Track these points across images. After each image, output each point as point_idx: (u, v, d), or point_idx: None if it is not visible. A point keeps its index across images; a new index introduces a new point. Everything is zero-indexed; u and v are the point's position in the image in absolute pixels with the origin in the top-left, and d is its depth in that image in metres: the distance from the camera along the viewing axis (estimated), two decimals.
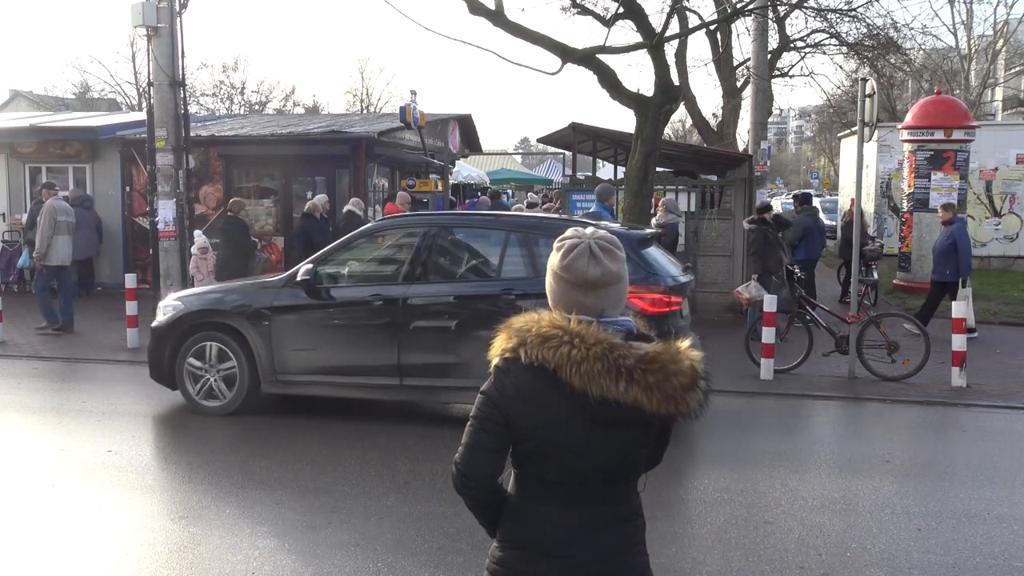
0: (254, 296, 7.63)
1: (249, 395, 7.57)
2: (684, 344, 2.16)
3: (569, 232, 2.28)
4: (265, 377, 7.50)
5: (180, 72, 12.91)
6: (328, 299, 7.47)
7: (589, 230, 2.28)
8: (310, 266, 7.46)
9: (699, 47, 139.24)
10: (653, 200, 12.04)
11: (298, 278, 7.40)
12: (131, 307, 10.72)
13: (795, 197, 13.89)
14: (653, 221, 10.43)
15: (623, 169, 15.04)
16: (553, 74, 11.76)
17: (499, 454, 2.23)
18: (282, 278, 7.67)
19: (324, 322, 7.45)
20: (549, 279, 2.27)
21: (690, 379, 2.11)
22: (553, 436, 2.16)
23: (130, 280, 10.89)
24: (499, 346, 2.22)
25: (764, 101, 19.35)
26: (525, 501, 2.26)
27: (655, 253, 7.14)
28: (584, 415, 2.13)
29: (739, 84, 23.11)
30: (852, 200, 13.15)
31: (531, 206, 20.19)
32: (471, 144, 20.68)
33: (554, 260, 2.25)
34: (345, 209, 12.70)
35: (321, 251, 7.83)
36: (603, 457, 2.19)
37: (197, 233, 11.42)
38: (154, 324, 7.94)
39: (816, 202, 16.66)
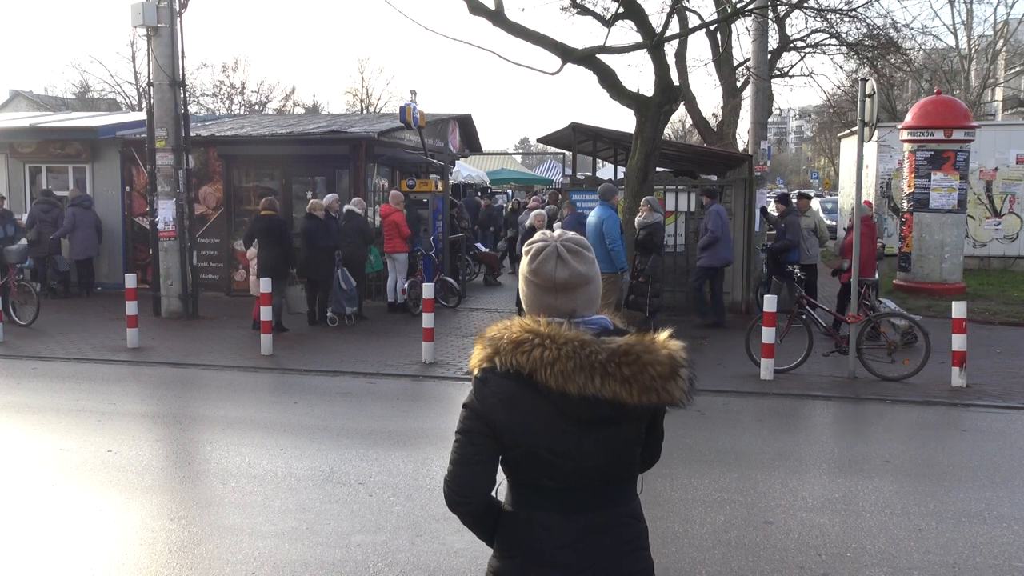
0: None
1: None
2: (662, 335, 2.13)
3: (537, 236, 2.27)
4: None
5: (180, 72, 12.93)
6: None
7: (556, 232, 2.27)
8: None
9: (699, 47, 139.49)
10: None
11: None
12: (131, 307, 10.72)
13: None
14: (637, 220, 10.42)
15: (623, 169, 15.04)
16: (553, 74, 11.77)
17: (488, 466, 2.20)
18: None
19: None
20: (521, 284, 2.26)
21: (668, 368, 2.07)
22: (539, 441, 2.13)
23: (130, 280, 10.88)
24: (476, 357, 2.20)
25: (764, 101, 19.32)
26: (520, 509, 2.23)
27: None
28: (566, 416, 2.11)
29: (739, 84, 23.09)
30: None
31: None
32: (471, 144, 20.66)
33: (523, 264, 2.24)
34: (345, 209, 12.71)
35: None
36: (594, 458, 2.15)
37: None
38: None
39: (816, 202, 16.66)
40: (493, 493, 2.26)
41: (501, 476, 2.26)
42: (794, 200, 14.16)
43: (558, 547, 2.17)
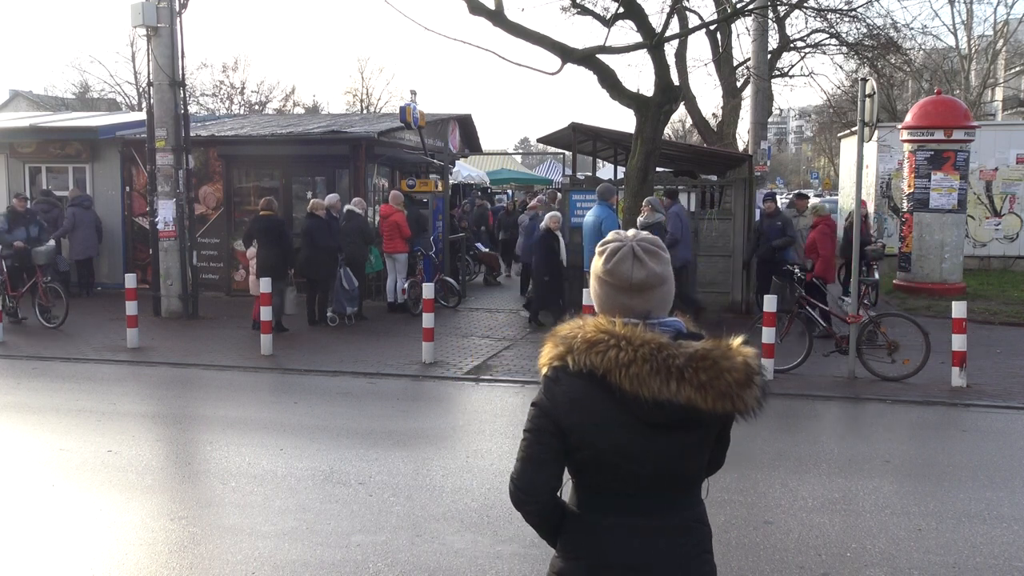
0: None
1: None
2: (736, 341, 2.11)
3: (610, 236, 2.24)
4: None
5: (180, 72, 12.93)
6: None
7: (631, 232, 2.24)
8: None
9: (699, 47, 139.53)
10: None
11: None
12: (131, 307, 10.72)
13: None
14: (639, 220, 10.42)
15: (623, 169, 15.04)
16: (553, 74, 11.77)
17: (555, 465, 2.18)
18: None
19: None
20: (593, 284, 2.24)
21: (744, 375, 2.04)
22: (608, 443, 2.10)
23: (130, 280, 10.88)
24: (547, 355, 2.17)
25: (764, 101, 19.37)
26: (585, 511, 2.20)
27: None
28: (637, 419, 2.07)
29: (739, 84, 23.12)
30: (864, 203, 13.14)
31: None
32: (471, 144, 20.65)
33: (597, 265, 2.21)
34: (346, 208, 12.71)
35: None
36: (661, 462, 2.12)
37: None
38: None
39: (816, 202, 16.60)
40: (558, 494, 2.24)
41: (567, 477, 2.24)
42: (788, 200, 14.16)
43: (625, 550, 2.14)
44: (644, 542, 2.14)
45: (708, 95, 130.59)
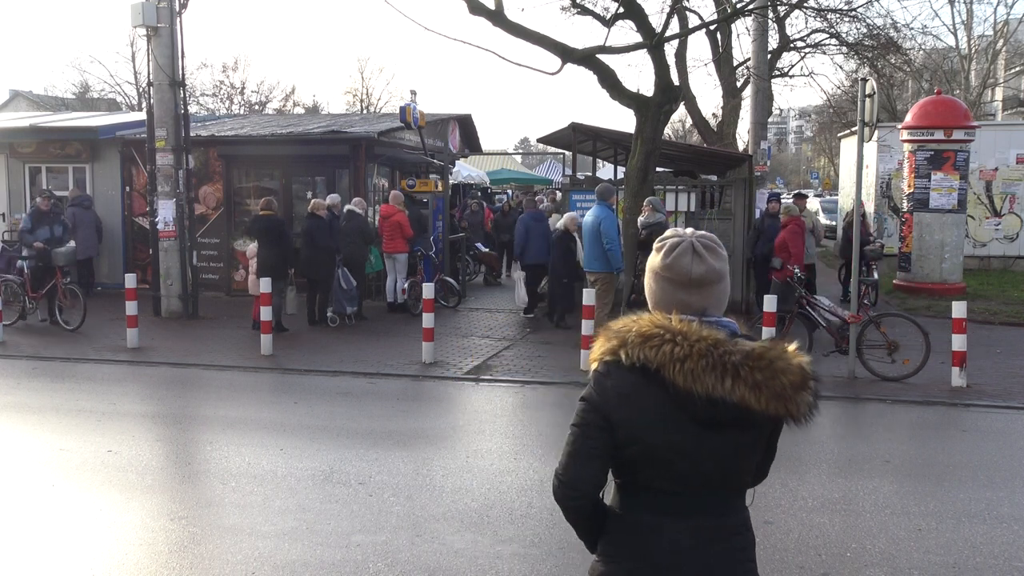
0: None
1: None
2: (792, 345, 2.09)
3: (669, 232, 2.23)
4: None
5: (180, 72, 12.93)
6: None
7: (689, 230, 2.23)
8: None
9: (699, 47, 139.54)
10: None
11: None
12: (131, 307, 10.72)
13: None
14: (640, 220, 10.43)
15: (623, 169, 15.04)
16: (553, 74, 11.76)
17: (602, 461, 2.14)
18: None
19: None
20: (648, 280, 2.22)
21: (800, 379, 2.02)
22: (658, 439, 2.08)
23: (130, 280, 10.89)
24: (598, 349, 2.15)
25: (764, 101, 19.36)
26: (630, 513, 2.17)
27: None
28: (688, 416, 2.05)
29: (739, 84, 23.12)
30: (862, 203, 13.15)
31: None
32: (471, 144, 20.65)
33: (655, 260, 2.19)
34: (346, 208, 12.71)
35: None
36: (711, 462, 2.09)
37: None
38: None
39: (816, 202, 16.67)
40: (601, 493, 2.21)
41: (609, 479, 2.21)
42: (786, 200, 14.16)
43: (670, 553, 2.11)
44: (692, 546, 2.11)
45: (708, 95, 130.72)
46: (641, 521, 2.15)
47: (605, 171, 20.89)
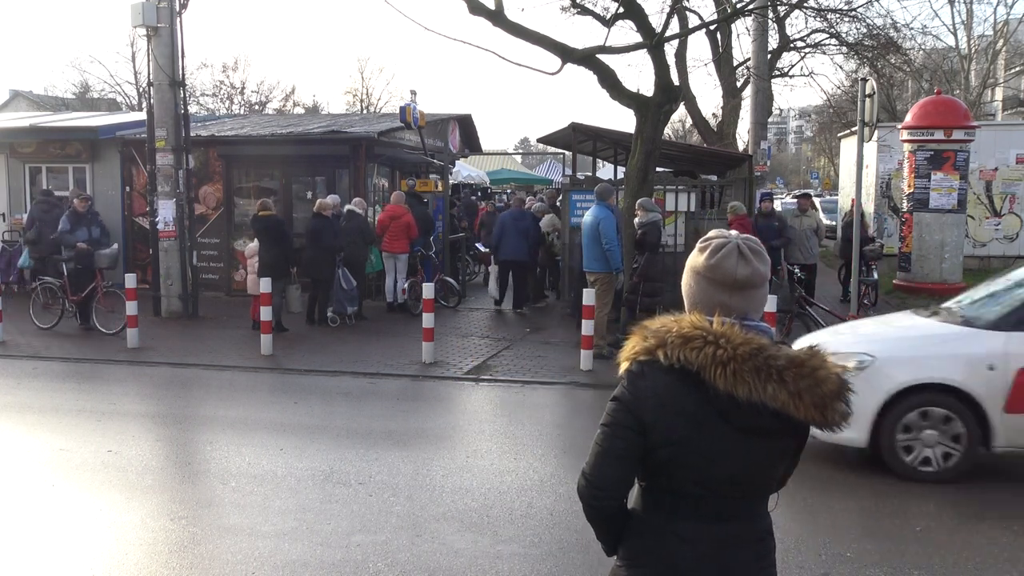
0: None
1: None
2: (829, 354, 2.08)
3: (713, 232, 2.19)
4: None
5: (180, 72, 12.93)
6: None
7: (733, 232, 2.20)
8: None
9: (699, 47, 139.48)
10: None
11: None
12: (131, 307, 10.72)
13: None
14: (636, 222, 10.43)
15: (623, 169, 15.05)
16: (553, 74, 11.77)
17: (631, 462, 2.11)
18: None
19: None
20: (688, 280, 2.19)
21: (838, 388, 2.01)
22: (691, 441, 2.05)
23: (130, 280, 10.88)
24: (631, 349, 2.12)
25: (764, 101, 19.37)
26: (654, 517, 2.14)
27: None
28: (724, 420, 2.03)
29: (739, 84, 23.13)
30: (853, 200, 13.15)
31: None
32: (471, 144, 20.66)
33: (698, 260, 2.15)
34: (346, 208, 12.71)
35: None
36: (741, 467, 2.07)
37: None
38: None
39: (816, 202, 16.66)
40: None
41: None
42: (783, 200, 14.16)
43: (695, 558, 2.10)
44: (717, 550, 2.10)
45: (708, 95, 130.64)
46: (664, 525, 2.12)
47: (605, 171, 20.89)
